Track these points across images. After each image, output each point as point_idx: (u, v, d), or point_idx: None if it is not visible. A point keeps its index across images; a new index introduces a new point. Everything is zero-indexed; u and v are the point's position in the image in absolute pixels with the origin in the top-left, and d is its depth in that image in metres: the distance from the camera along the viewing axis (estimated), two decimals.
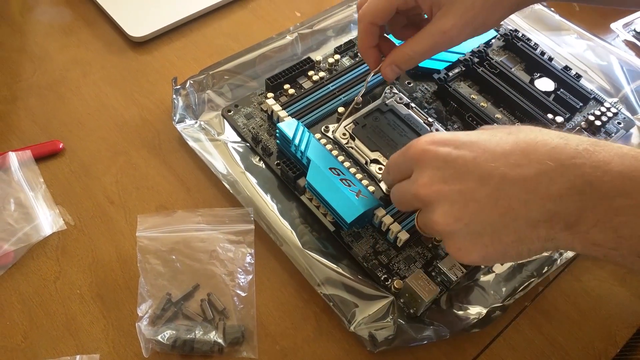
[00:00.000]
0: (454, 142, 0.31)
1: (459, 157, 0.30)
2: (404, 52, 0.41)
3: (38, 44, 0.56)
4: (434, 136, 0.32)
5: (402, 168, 0.35)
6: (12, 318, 0.39)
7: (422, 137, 0.33)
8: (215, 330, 0.38)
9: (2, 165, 0.45)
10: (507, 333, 0.41)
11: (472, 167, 0.30)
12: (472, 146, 0.30)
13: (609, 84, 0.56)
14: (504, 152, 0.29)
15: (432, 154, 0.31)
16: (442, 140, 0.32)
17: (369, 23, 0.41)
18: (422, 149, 0.32)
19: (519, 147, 0.29)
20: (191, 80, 0.50)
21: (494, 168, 0.29)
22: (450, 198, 0.30)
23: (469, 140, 0.31)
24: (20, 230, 0.42)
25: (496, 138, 0.31)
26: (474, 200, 0.30)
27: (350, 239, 0.42)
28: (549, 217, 0.29)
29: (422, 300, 0.37)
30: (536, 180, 0.29)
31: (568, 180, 0.28)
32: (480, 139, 0.31)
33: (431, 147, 0.32)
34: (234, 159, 0.47)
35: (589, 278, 0.44)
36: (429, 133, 0.35)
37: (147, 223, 0.42)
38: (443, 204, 0.31)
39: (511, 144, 0.30)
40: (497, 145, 0.30)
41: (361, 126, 0.46)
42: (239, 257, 0.41)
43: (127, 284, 0.41)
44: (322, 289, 0.40)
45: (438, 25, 0.38)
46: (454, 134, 0.32)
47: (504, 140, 0.30)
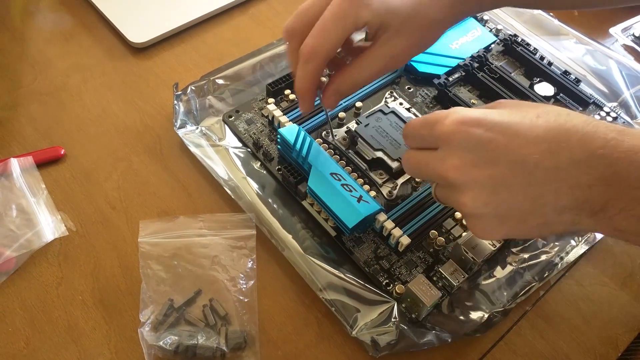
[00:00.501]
0: (486, 123, 0.30)
1: (491, 140, 0.30)
2: (348, 79, 0.37)
3: (39, 50, 0.56)
4: (465, 114, 0.31)
5: (425, 139, 0.33)
6: (14, 324, 0.39)
7: (452, 114, 0.31)
8: (218, 336, 0.38)
9: (4, 171, 0.45)
10: (509, 337, 0.41)
11: (504, 152, 0.29)
12: (505, 129, 0.30)
13: (608, 88, 0.57)
14: (536, 138, 0.29)
15: (463, 134, 0.30)
16: (473, 120, 0.30)
17: (321, 62, 0.35)
18: (452, 128, 0.30)
19: (551, 133, 0.29)
20: (192, 86, 0.51)
21: (527, 155, 0.29)
22: (480, 182, 0.30)
23: (501, 122, 0.30)
24: (22, 236, 0.42)
25: (527, 120, 0.30)
26: (504, 185, 0.30)
27: (352, 244, 0.42)
28: (576, 205, 0.29)
29: (423, 305, 0.37)
30: (567, 170, 0.29)
31: (597, 171, 0.28)
32: (512, 121, 0.30)
33: (462, 128, 0.30)
34: (235, 165, 0.47)
35: (590, 282, 0.44)
36: (457, 108, 0.32)
37: (149, 229, 0.42)
38: (472, 188, 0.30)
39: (543, 129, 0.29)
40: (529, 130, 0.29)
41: (364, 125, 0.46)
42: (240, 262, 0.41)
43: (129, 289, 0.41)
44: (323, 294, 0.40)
45: (384, 49, 0.36)
46: (485, 113, 0.30)
47: (535, 123, 0.30)
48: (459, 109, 0.32)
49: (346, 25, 0.34)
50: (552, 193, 0.29)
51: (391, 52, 0.36)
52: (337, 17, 0.34)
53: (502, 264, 0.43)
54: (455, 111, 0.31)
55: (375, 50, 0.36)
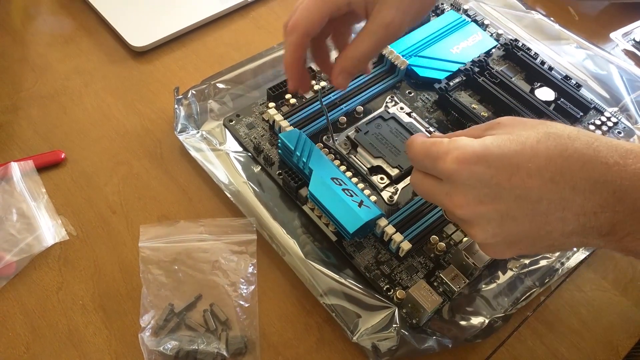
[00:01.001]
0: (486, 158, 0.30)
1: (493, 176, 0.30)
2: (350, 56, 0.39)
3: (39, 54, 0.56)
4: (465, 151, 0.31)
5: (428, 170, 0.34)
6: (14, 329, 0.39)
7: (452, 150, 0.31)
8: (218, 341, 0.38)
9: (5, 175, 0.45)
10: (509, 343, 0.41)
11: (507, 187, 0.30)
12: (506, 164, 0.30)
13: (609, 93, 0.57)
14: (538, 170, 0.29)
15: (465, 173, 0.30)
16: (474, 157, 0.30)
17: (301, 35, 0.37)
18: (454, 167, 0.31)
19: (553, 162, 0.29)
20: (193, 90, 0.51)
21: (530, 188, 0.29)
22: (487, 216, 0.31)
23: (502, 155, 0.30)
24: (22, 240, 0.42)
25: (528, 149, 0.30)
26: (511, 218, 0.30)
27: (353, 249, 0.42)
28: (583, 230, 0.30)
29: (424, 310, 0.37)
30: (571, 199, 0.29)
31: (601, 197, 0.29)
32: (512, 151, 0.30)
33: (463, 166, 0.30)
34: (236, 169, 0.47)
35: (591, 288, 0.44)
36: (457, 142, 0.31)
37: (150, 233, 0.42)
38: (480, 222, 0.31)
39: (544, 157, 0.29)
40: (530, 161, 0.29)
41: (363, 133, 0.47)
42: (241, 267, 0.41)
43: (130, 294, 0.41)
44: (324, 299, 0.40)
45: (377, 20, 0.37)
46: (484, 147, 0.30)
47: (536, 152, 0.30)
48: (459, 143, 0.31)
49: (326, 2, 0.37)
50: (559, 221, 0.30)
51: (384, 22, 0.37)
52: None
53: (502, 270, 0.43)
54: (455, 147, 0.31)
55: (369, 24, 0.37)
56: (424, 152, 0.33)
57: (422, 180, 0.35)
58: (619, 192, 0.28)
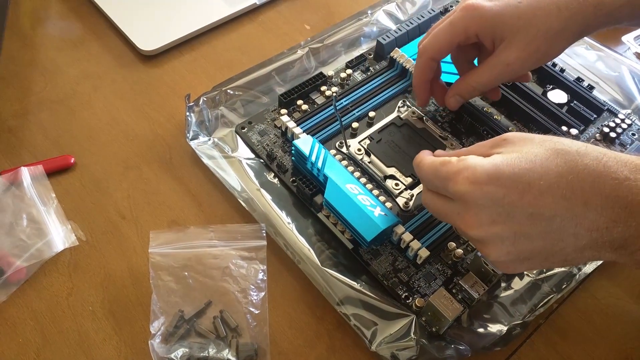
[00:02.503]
0: (497, 178, 0.30)
1: (505, 196, 0.30)
2: (468, 83, 0.42)
3: (49, 58, 0.56)
4: (475, 171, 0.30)
5: (439, 190, 0.34)
6: (24, 335, 0.39)
7: (462, 170, 0.31)
8: (229, 348, 0.38)
9: (15, 180, 0.45)
10: (522, 351, 0.40)
11: (519, 206, 0.30)
12: (517, 182, 0.30)
13: (621, 95, 0.56)
14: (549, 188, 0.29)
15: (476, 194, 0.30)
16: (485, 178, 0.30)
17: (429, 58, 0.42)
18: (465, 189, 0.31)
19: (563, 178, 0.29)
20: (204, 96, 0.50)
21: (542, 206, 0.29)
22: (499, 236, 0.31)
23: (512, 174, 0.30)
24: (32, 246, 0.42)
25: (538, 167, 0.30)
26: (524, 236, 0.30)
27: (369, 256, 0.42)
28: (596, 244, 0.30)
29: (445, 319, 0.37)
30: (583, 214, 0.29)
31: (613, 212, 0.29)
32: (522, 170, 0.30)
33: (475, 187, 0.30)
34: (249, 176, 0.47)
35: (604, 295, 0.43)
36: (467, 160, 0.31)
37: (160, 239, 0.42)
38: (493, 241, 0.31)
39: (555, 175, 0.29)
40: (541, 179, 0.29)
41: (376, 141, 0.46)
42: (251, 273, 0.41)
43: (140, 300, 0.41)
44: (341, 308, 0.40)
45: (501, 57, 0.40)
46: (494, 166, 0.30)
47: (546, 169, 0.30)
48: (469, 163, 0.31)
49: (454, 32, 0.40)
50: (571, 236, 0.30)
51: (505, 61, 0.40)
52: (450, 23, 0.41)
53: (519, 275, 0.42)
54: (465, 167, 0.31)
55: (491, 59, 0.40)
56: (433, 173, 0.33)
57: (433, 201, 0.35)
58: (630, 206, 0.29)
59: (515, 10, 0.39)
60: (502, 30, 0.39)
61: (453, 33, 0.40)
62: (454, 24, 0.40)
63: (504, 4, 0.39)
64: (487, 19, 0.39)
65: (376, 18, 0.60)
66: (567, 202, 0.29)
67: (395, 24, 0.60)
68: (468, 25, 0.40)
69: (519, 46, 0.39)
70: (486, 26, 0.39)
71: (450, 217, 0.33)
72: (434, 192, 0.35)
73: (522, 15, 0.38)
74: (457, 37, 0.41)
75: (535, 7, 0.38)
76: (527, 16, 0.38)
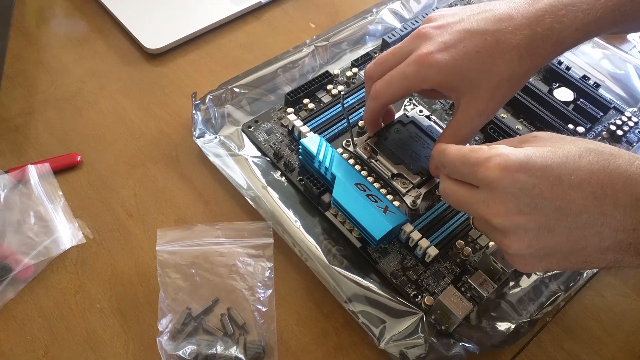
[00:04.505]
0: (529, 168, 0.30)
1: (535, 186, 0.29)
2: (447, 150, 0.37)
3: (54, 56, 0.56)
4: (509, 158, 0.30)
5: (464, 177, 0.33)
6: (33, 332, 0.39)
7: (494, 157, 0.31)
8: (236, 346, 0.38)
9: (22, 178, 0.45)
10: (529, 349, 0.40)
11: (548, 198, 0.29)
12: (548, 174, 0.29)
13: (627, 93, 0.56)
14: (580, 183, 0.29)
15: (507, 181, 0.30)
16: (517, 165, 0.30)
17: (381, 105, 0.41)
18: (497, 175, 0.30)
19: (595, 177, 0.29)
20: (210, 95, 0.50)
21: (571, 201, 0.29)
22: (524, 227, 0.30)
23: (544, 166, 0.30)
24: (40, 243, 0.42)
25: (570, 162, 0.29)
26: (548, 229, 0.30)
27: (378, 255, 0.42)
28: (620, 246, 0.29)
29: (455, 317, 0.37)
30: (611, 214, 0.29)
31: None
32: (555, 163, 0.30)
33: (507, 174, 0.30)
34: (255, 174, 0.47)
35: (612, 293, 0.43)
36: (499, 148, 0.31)
37: (167, 237, 0.42)
38: (516, 232, 0.30)
39: (586, 171, 0.29)
40: (573, 173, 0.29)
41: (383, 139, 0.46)
42: (258, 271, 0.41)
43: (147, 298, 0.41)
44: (349, 306, 0.40)
45: (471, 110, 0.38)
46: (527, 156, 0.30)
47: (578, 166, 0.29)
48: (501, 150, 0.31)
49: (409, 85, 0.38)
50: (596, 236, 0.29)
51: (477, 112, 0.38)
52: (402, 76, 0.38)
53: (527, 274, 0.42)
54: (498, 153, 0.31)
55: (461, 115, 0.38)
56: (460, 159, 0.33)
57: (454, 188, 0.34)
58: None
59: (474, 62, 0.36)
60: (462, 84, 0.37)
61: (407, 87, 0.38)
62: (408, 78, 0.38)
63: (461, 54, 0.36)
64: (445, 74, 0.36)
65: (381, 16, 0.60)
66: (596, 199, 0.29)
67: (401, 23, 0.60)
68: (423, 80, 0.37)
69: (486, 96, 0.37)
70: (444, 81, 0.37)
71: (474, 205, 0.32)
72: (455, 180, 0.34)
73: (482, 67, 0.36)
74: (411, 89, 0.39)
75: (494, 56, 0.36)
76: (487, 66, 0.36)
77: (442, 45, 0.37)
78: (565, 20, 0.36)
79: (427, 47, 0.37)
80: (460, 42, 0.36)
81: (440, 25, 0.38)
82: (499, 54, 0.36)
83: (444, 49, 0.36)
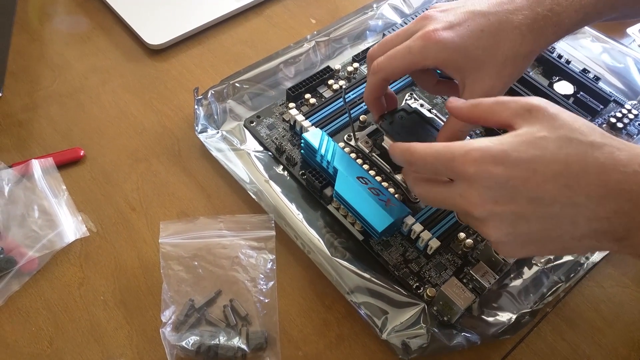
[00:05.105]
0: (505, 160, 0.30)
1: (510, 178, 0.30)
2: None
3: (57, 53, 0.56)
4: (484, 152, 0.30)
5: (438, 173, 0.33)
6: (37, 324, 0.39)
7: (470, 151, 0.31)
8: (239, 336, 0.38)
9: (26, 172, 0.45)
10: (530, 339, 0.41)
11: (523, 190, 0.30)
12: (524, 166, 0.30)
13: (627, 86, 0.56)
14: (554, 175, 0.29)
15: (483, 174, 0.30)
16: (493, 159, 0.30)
17: (382, 79, 0.40)
18: (473, 169, 0.30)
19: (569, 169, 0.29)
20: (212, 90, 0.51)
21: (545, 192, 0.29)
22: (500, 216, 0.31)
23: (519, 159, 0.30)
24: (44, 237, 0.42)
25: (548, 154, 0.30)
26: (523, 219, 0.30)
27: (380, 247, 0.42)
28: (595, 234, 0.30)
29: (457, 308, 0.37)
30: (584, 204, 0.29)
31: (616, 204, 0.29)
32: (531, 156, 0.30)
33: (482, 167, 0.30)
34: (257, 168, 0.47)
35: (611, 284, 0.43)
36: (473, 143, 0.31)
37: (170, 230, 0.42)
38: (493, 220, 0.31)
39: (562, 164, 0.30)
40: (548, 166, 0.30)
41: (389, 122, 0.45)
42: (260, 263, 0.42)
43: (150, 290, 0.41)
44: (352, 297, 0.40)
45: (476, 89, 0.37)
46: (503, 150, 0.30)
47: (555, 157, 0.30)
48: (476, 145, 0.31)
49: (413, 60, 0.38)
50: (570, 225, 0.30)
51: (483, 92, 0.38)
52: (407, 51, 0.38)
53: (528, 265, 0.43)
54: (473, 148, 0.31)
55: (467, 97, 0.37)
56: (433, 155, 0.33)
57: (429, 189, 0.34)
58: (635, 199, 0.28)
59: (479, 40, 0.37)
60: (467, 63, 0.37)
61: (410, 62, 0.38)
62: (413, 53, 0.38)
63: (466, 33, 0.37)
64: (450, 52, 0.37)
65: (381, 12, 0.60)
66: (569, 190, 0.29)
67: (401, 18, 0.60)
68: (427, 57, 0.37)
69: (491, 75, 0.37)
70: (449, 59, 0.37)
71: (451, 200, 0.33)
72: (427, 181, 0.34)
73: (487, 45, 0.37)
74: (414, 65, 0.38)
75: (498, 35, 0.37)
76: (491, 45, 0.37)
77: (447, 24, 0.37)
78: (564, 2, 0.37)
79: (434, 25, 0.38)
80: (465, 21, 0.37)
81: (444, 9, 0.39)
82: (502, 34, 0.37)
83: (449, 28, 0.37)
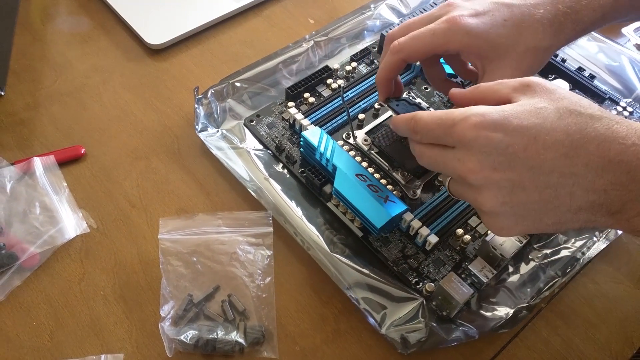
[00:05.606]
0: (505, 127, 0.30)
1: (509, 145, 0.30)
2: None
3: (59, 52, 0.57)
4: (484, 118, 0.31)
5: (439, 139, 0.33)
6: (38, 318, 0.40)
7: (470, 116, 0.31)
8: (237, 331, 0.39)
9: (28, 170, 0.46)
10: (524, 334, 0.41)
11: (522, 156, 0.30)
12: (524, 133, 0.30)
13: (622, 84, 0.57)
14: (554, 144, 0.30)
15: (482, 140, 0.30)
16: (493, 124, 0.30)
17: (401, 59, 0.40)
18: (472, 134, 0.31)
19: (569, 138, 0.30)
20: (212, 89, 0.51)
21: (544, 160, 0.30)
22: (498, 184, 0.31)
23: (519, 126, 0.30)
24: (45, 233, 0.43)
25: (548, 123, 0.30)
26: (521, 187, 0.30)
27: (379, 243, 0.43)
28: (592, 207, 0.30)
29: (456, 302, 0.38)
30: (583, 175, 0.29)
31: (614, 175, 0.29)
32: (531, 124, 0.30)
33: (482, 133, 0.30)
34: (257, 167, 0.47)
35: (605, 280, 0.44)
36: (474, 108, 0.31)
37: (169, 226, 0.43)
38: (490, 188, 0.31)
39: (562, 133, 0.30)
40: (548, 134, 0.30)
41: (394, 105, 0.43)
42: (258, 259, 0.42)
43: (150, 285, 0.42)
44: (350, 292, 0.41)
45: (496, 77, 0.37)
46: (503, 116, 0.30)
47: (555, 126, 0.30)
48: (477, 110, 0.31)
49: (435, 42, 0.38)
50: (567, 195, 0.30)
51: None
52: (431, 33, 0.38)
53: (525, 260, 0.43)
54: (474, 113, 0.31)
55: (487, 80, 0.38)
56: (435, 122, 0.33)
57: (429, 151, 0.34)
58: (633, 172, 0.29)
59: (502, 29, 0.38)
60: (489, 50, 0.38)
61: (433, 44, 0.39)
62: (437, 35, 0.38)
63: (489, 21, 0.38)
64: (473, 37, 0.38)
65: (379, 12, 0.61)
66: (568, 160, 0.29)
67: (398, 18, 0.61)
68: (451, 40, 0.38)
69: (512, 65, 0.38)
70: (472, 45, 0.38)
71: (449, 164, 0.33)
72: (429, 144, 0.34)
73: (510, 35, 0.38)
74: (437, 48, 0.39)
75: (521, 26, 0.38)
76: (514, 35, 0.38)
77: (473, 11, 0.38)
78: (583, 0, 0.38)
79: (459, 11, 0.39)
80: (489, 11, 0.38)
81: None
82: (525, 25, 0.38)
83: (474, 15, 0.38)
